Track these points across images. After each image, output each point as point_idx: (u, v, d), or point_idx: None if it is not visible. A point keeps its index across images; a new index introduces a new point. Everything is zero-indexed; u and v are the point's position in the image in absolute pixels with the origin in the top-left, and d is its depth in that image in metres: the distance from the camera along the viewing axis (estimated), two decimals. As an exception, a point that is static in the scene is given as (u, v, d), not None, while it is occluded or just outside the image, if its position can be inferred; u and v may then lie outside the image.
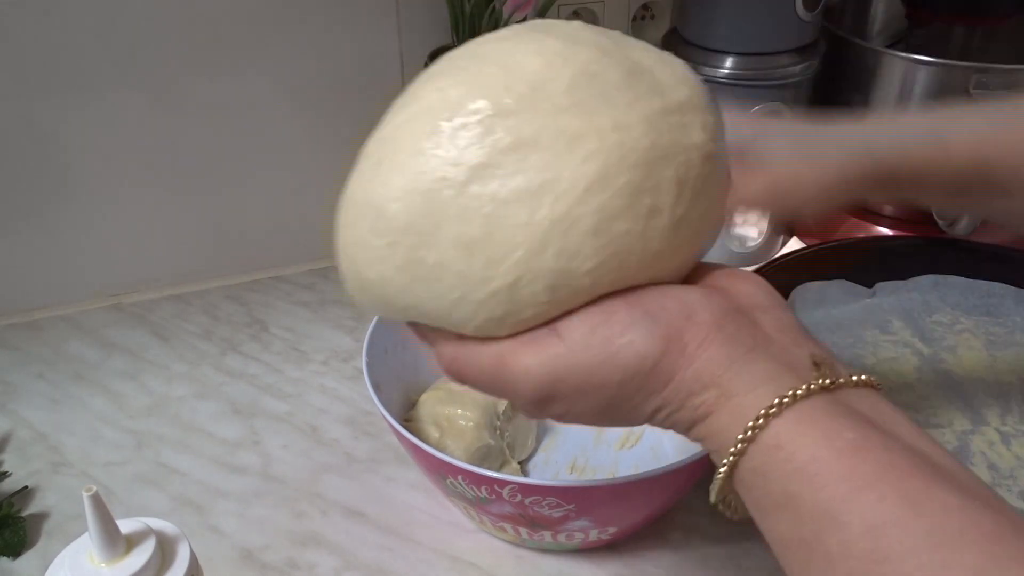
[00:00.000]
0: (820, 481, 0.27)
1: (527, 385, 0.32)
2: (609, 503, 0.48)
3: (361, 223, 0.33)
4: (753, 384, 0.30)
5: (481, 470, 0.46)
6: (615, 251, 0.30)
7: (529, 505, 0.47)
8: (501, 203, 0.30)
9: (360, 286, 0.34)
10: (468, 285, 0.31)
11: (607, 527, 0.50)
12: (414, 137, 0.32)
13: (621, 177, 0.30)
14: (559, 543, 0.52)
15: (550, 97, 0.31)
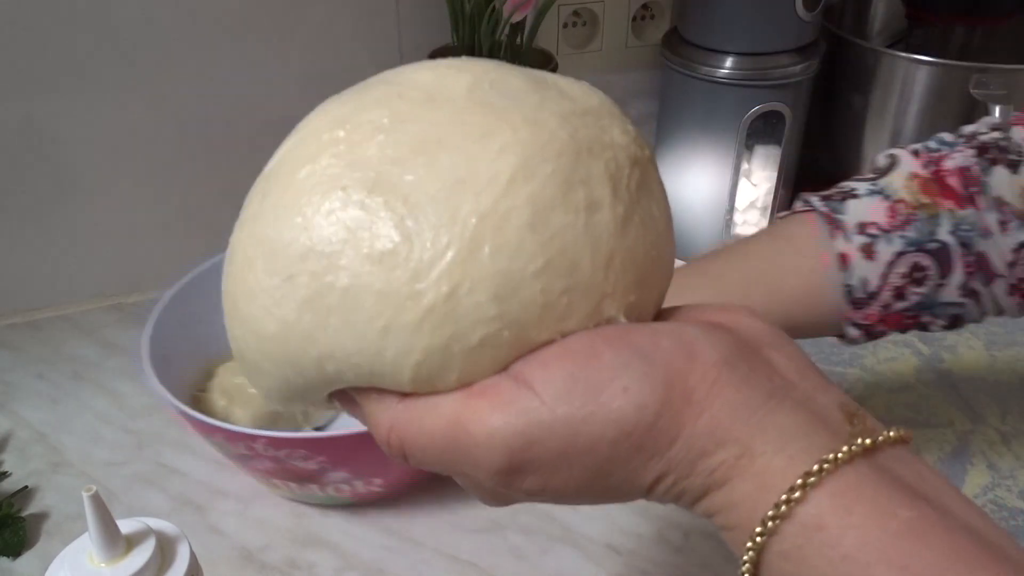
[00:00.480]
0: (876, 573, 0.22)
1: (492, 454, 0.25)
2: (358, 453, 0.50)
3: (251, 268, 0.27)
4: (782, 442, 0.24)
5: (232, 426, 0.49)
6: (561, 248, 0.25)
7: (284, 459, 0.49)
8: (415, 206, 0.25)
9: (260, 351, 0.28)
10: (394, 306, 0.25)
11: (371, 478, 0.52)
12: (301, 159, 0.27)
13: (546, 165, 0.26)
14: (329, 496, 0.54)
15: (450, 100, 0.27)
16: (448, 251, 0.25)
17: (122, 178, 0.70)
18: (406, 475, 0.54)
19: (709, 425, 0.24)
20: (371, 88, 0.30)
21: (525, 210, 0.25)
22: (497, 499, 0.29)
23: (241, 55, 0.69)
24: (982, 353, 0.67)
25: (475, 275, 0.25)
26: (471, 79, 0.28)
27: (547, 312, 0.25)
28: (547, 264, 0.25)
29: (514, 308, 0.25)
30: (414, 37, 0.73)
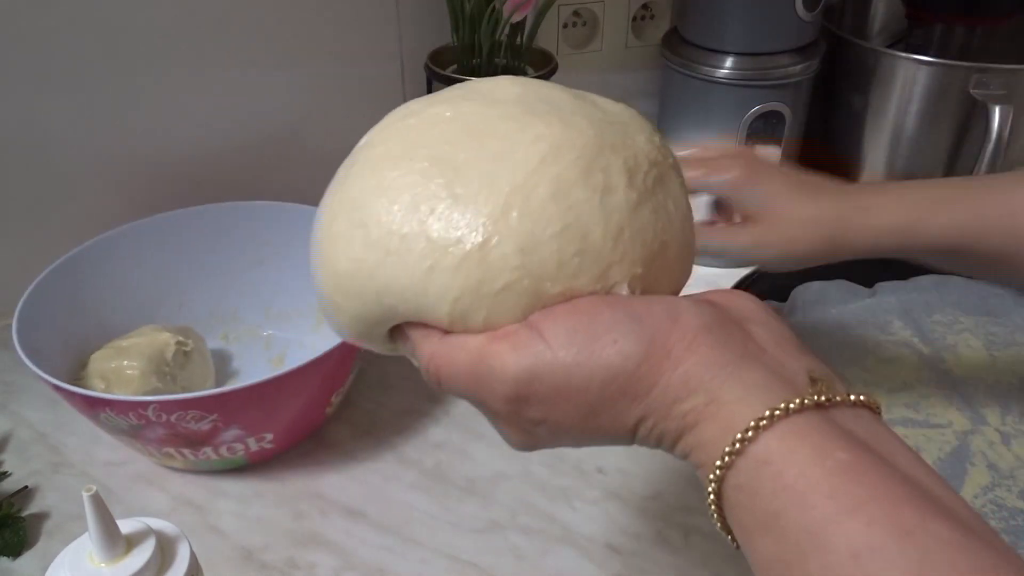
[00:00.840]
0: (807, 501, 0.26)
1: (504, 382, 0.31)
2: (248, 407, 0.52)
3: (334, 221, 0.35)
4: (744, 393, 0.28)
5: (122, 396, 0.51)
6: (576, 217, 0.31)
7: (177, 422, 0.50)
8: (463, 177, 0.32)
9: (336, 287, 0.34)
10: (438, 252, 0.31)
11: (262, 434, 0.55)
12: (379, 139, 0.36)
13: (571, 153, 0.32)
14: (223, 458, 0.55)
15: (502, 103, 0.35)
16: (485, 212, 0.31)
17: (120, 178, 0.70)
18: (294, 429, 0.57)
19: (683, 376, 0.29)
20: (445, 92, 0.37)
21: (549, 185, 0.31)
22: (518, 433, 0.33)
23: (241, 55, 0.69)
24: (982, 353, 0.67)
25: (504, 232, 0.31)
26: (522, 90, 0.35)
27: (561, 269, 0.31)
28: (564, 229, 0.31)
29: (533, 262, 0.31)
30: (414, 37, 0.73)
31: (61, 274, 0.61)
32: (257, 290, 0.70)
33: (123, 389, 0.57)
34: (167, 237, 0.67)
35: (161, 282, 0.68)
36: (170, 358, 0.59)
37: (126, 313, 0.65)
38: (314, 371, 0.53)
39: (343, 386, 0.60)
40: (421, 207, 0.32)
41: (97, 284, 0.64)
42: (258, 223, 0.69)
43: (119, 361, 0.58)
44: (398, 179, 0.33)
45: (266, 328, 0.71)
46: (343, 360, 0.57)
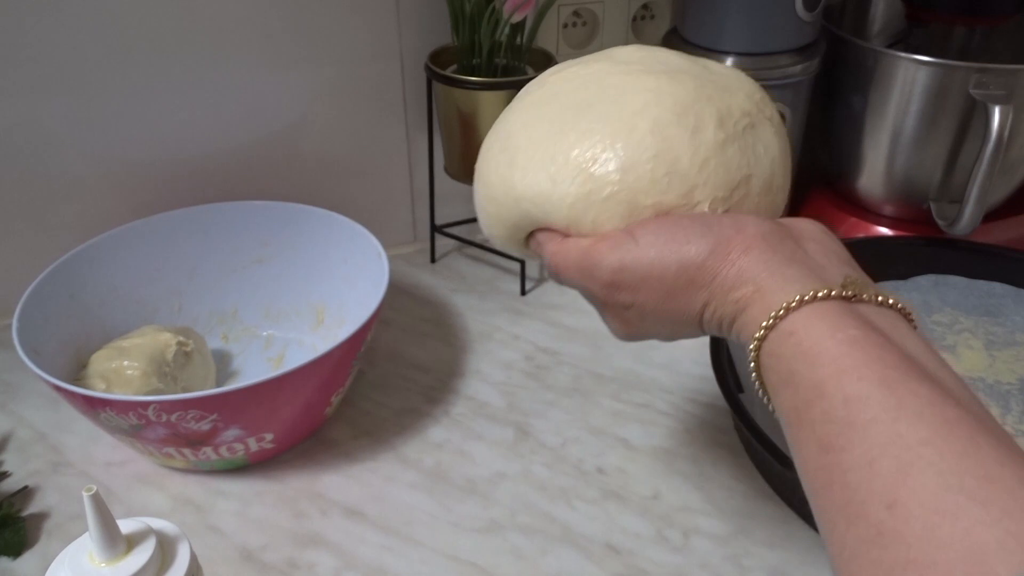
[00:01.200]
0: (817, 362, 0.32)
1: (602, 270, 0.39)
2: (249, 407, 0.53)
3: (489, 148, 0.45)
4: (784, 284, 0.35)
5: (122, 396, 0.51)
6: (668, 146, 0.39)
7: (177, 422, 0.51)
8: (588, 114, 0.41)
9: (487, 197, 0.45)
10: (559, 166, 0.41)
11: (262, 434, 0.55)
12: (532, 87, 0.45)
13: (670, 99, 0.40)
14: (224, 458, 0.56)
15: (626, 63, 0.44)
16: (597, 141, 0.40)
17: (119, 178, 0.70)
18: (294, 429, 0.58)
19: (738, 271, 0.36)
20: (584, 57, 0.46)
21: (649, 123, 0.40)
22: (617, 320, 0.42)
23: (241, 55, 0.69)
24: (982, 353, 0.67)
25: (610, 156, 0.40)
26: (644, 54, 0.44)
27: (653, 185, 0.39)
28: (657, 154, 0.39)
29: (631, 178, 0.40)
30: (414, 37, 0.73)
31: (61, 274, 0.61)
32: (257, 290, 0.70)
33: (124, 389, 0.57)
34: (167, 237, 0.67)
35: (161, 282, 0.68)
36: (171, 358, 0.59)
37: (126, 313, 0.65)
38: (314, 371, 0.53)
39: (343, 386, 0.60)
40: (553, 137, 0.41)
41: (97, 284, 0.64)
42: (258, 223, 0.69)
43: (120, 361, 0.58)
44: (540, 116, 0.43)
45: (266, 328, 0.71)
46: (343, 360, 0.57)
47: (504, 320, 0.74)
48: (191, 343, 0.61)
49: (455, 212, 0.83)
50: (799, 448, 0.33)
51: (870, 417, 0.30)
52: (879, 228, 0.80)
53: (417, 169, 0.80)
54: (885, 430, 0.29)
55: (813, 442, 0.32)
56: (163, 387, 0.58)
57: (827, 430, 0.31)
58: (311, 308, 0.70)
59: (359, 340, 0.57)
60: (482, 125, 0.70)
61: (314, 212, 0.68)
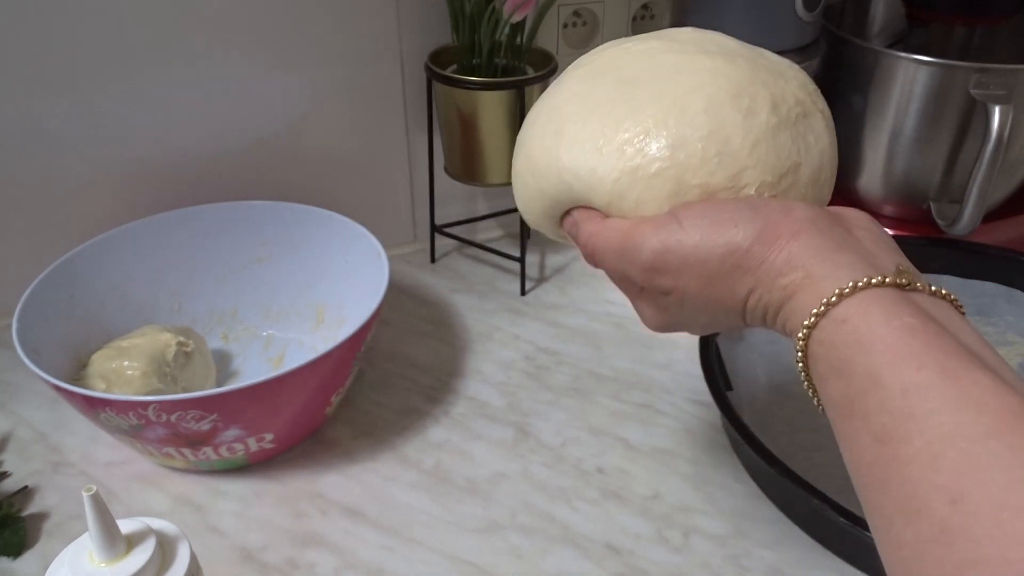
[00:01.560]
0: (873, 350, 0.30)
1: (643, 253, 0.37)
2: (248, 407, 0.52)
3: (536, 120, 0.43)
4: (835, 270, 0.33)
5: (123, 396, 0.50)
6: (721, 126, 0.38)
7: (177, 422, 0.51)
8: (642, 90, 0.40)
9: (528, 169, 0.43)
10: (607, 138, 0.39)
11: (262, 434, 0.55)
12: (583, 63, 0.44)
13: (724, 80, 0.39)
14: (224, 458, 0.56)
15: (683, 43, 0.43)
16: (649, 116, 0.39)
17: (118, 178, 0.70)
18: (294, 429, 0.58)
19: (787, 256, 0.34)
20: (639, 35, 0.45)
21: (703, 101, 0.39)
22: (652, 308, 0.40)
23: (241, 55, 0.69)
24: None
25: (661, 131, 0.38)
26: (700, 36, 0.44)
27: (703, 164, 0.38)
28: (709, 133, 0.38)
29: (681, 155, 0.38)
30: (414, 37, 0.73)
31: (61, 274, 0.61)
32: (257, 290, 0.70)
33: (124, 389, 0.57)
34: (167, 237, 0.67)
35: (161, 282, 0.68)
36: (171, 358, 0.59)
37: (126, 313, 0.65)
38: (314, 371, 0.53)
39: (343, 386, 0.60)
40: (603, 110, 0.40)
41: (97, 284, 0.64)
42: (258, 223, 0.69)
43: (120, 361, 0.58)
44: (590, 90, 0.42)
45: (266, 328, 0.71)
46: (343, 360, 0.57)
47: (504, 320, 0.74)
48: (191, 343, 0.61)
49: (455, 212, 0.83)
50: (850, 441, 0.31)
51: (931, 407, 0.28)
52: (879, 228, 0.80)
53: (417, 169, 0.80)
54: (948, 420, 0.28)
55: (867, 434, 0.30)
56: (163, 387, 0.58)
57: (883, 421, 0.29)
58: (311, 308, 0.70)
59: (359, 340, 0.57)
60: (482, 125, 0.70)
61: (314, 212, 0.68)
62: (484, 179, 0.73)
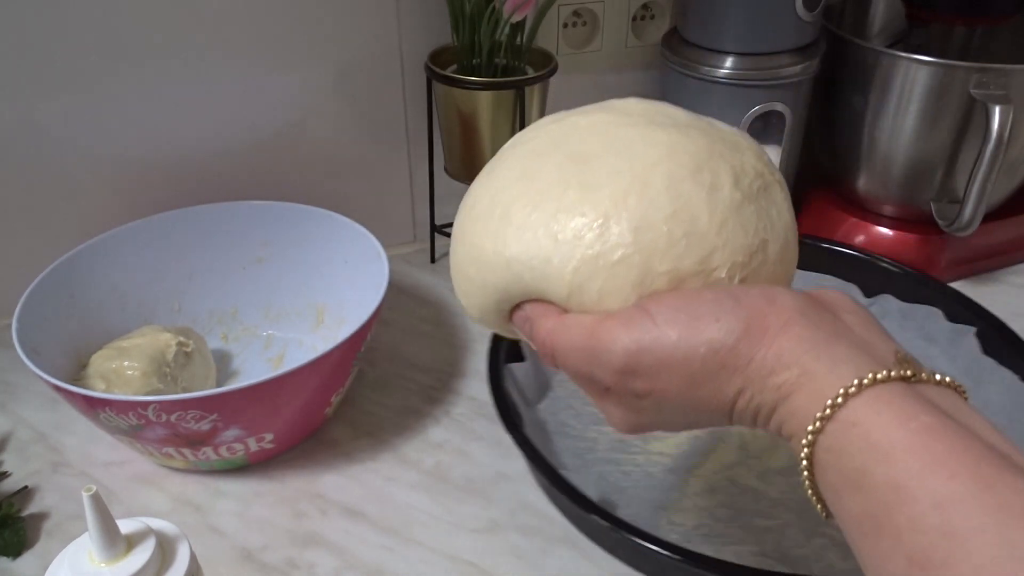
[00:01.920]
0: (892, 457, 0.28)
1: (614, 354, 0.33)
2: (248, 407, 0.52)
3: (475, 203, 0.40)
4: (834, 365, 0.30)
5: (122, 396, 0.50)
6: (686, 204, 0.35)
7: (177, 422, 0.51)
8: (594, 167, 0.37)
9: (471, 258, 0.39)
10: (565, 227, 0.36)
11: (262, 434, 0.55)
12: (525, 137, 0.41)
13: (683, 155, 0.37)
14: (223, 458, 0.56)
15: (630, 115, 0.40)
16: (607, 196, 0.36)
17: (118, 177, 0.70)
18: (294, 429, 0.58)
19: (778, 351, 0.31)
20: (581, 107, 0.42)
21: (664, 178, 0.36)
22: (624, 411, 0.36)
23: (241, 55, 0.69)
24: None
25: (622, 213, 0.35)
26: (647, 107, 0.40)
27: (669, 248, 0.35)
28: (674, 213, 0.35)
29: (646, 239, 0.35)
30: (414, 37, 0.73)
31: (61, 274, 0.61)
32: (257, 290, 0.70)
33: (124, 389, 0.57)
34: (167, 237, 0.67)
35: (161, 282, 0.68)
36: (171, 359, 0.59)
37: (126, 313, 0.65)
38: (314, 371, 0.53)
39: (343, 386, 0.60)
40: (554, 191, 0.37)
41: (97, 284, 0.64)
42: (258, 223, 0.69)
43: (120, 361, 0.58)
44: (538, 168, 0.38)
45: (266, 328, 0.71)
46: (343, 360, 0.57)
47: (504, 320, 0.74)
48: (191, 343, 0.61)
49: (455, 212, 0.83)
50: (878, 562, 0.28)
51: (973, 524, 0.25)
52: (879, 228, 0.80)
53: (417, 169, 0.80)
54: (993, 540, 0.25)
55: (899, 555, 0.27)
56: (163, 387, 0.58)
57: (918, 541, 0.26)
58: (311, 308, 0.70)
59: (359, 340, 0.57)
60: (482, 125, 0.70)
61: (314, 212, 0.68)
62: (484, 179, 0.73)
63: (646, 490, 0.56)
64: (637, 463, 0.58)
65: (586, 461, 0.58)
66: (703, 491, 0.56)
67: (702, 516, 0.54)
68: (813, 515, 0.51)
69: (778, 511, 0.54)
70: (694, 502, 0.55)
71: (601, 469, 0.58)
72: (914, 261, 0.77)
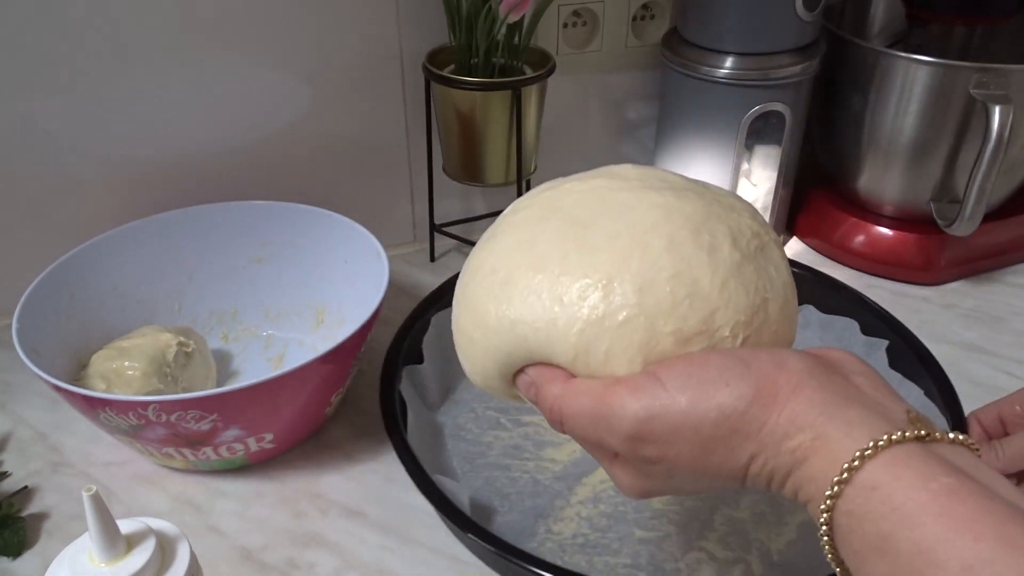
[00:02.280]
0: (916, 521, 0.27)
1: (624, 420, 0.33)
2: (248, 407, 0.52)
3: (484, 267, 0.40)
4: (848, 428, 0.30)
5: (122, 396, 0.51)
6: (687, 266, 0.36)
7: (177, 422, 0.51)
8: (592, 233, 0.38)
9: (475, 324, 0.40)
10: (569, 290, 0.36)
11: (262, 434, 0.55)
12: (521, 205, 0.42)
13: (681, 218, 0.38)
14: (224, 458, 0.56)
15: (626, 180, 0.41)
16: (608, 259, 0.36)
17: (118, 177, 0.70)
18: (294, 429, 0.58)
19: (791, 415, 0.31)
20: (577, 174, 0.43)
21: (664, 240, 0.37)
22: (634, 477, 0.36)
23: (241, 55, 0.69)
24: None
25: (625, 276, 0.36)
26: (643, 172, 0.41)
27: (673, 309, 0.35)
28: (676, 274, 0.36)
29: (649, 300, 0.35)
30: (413, 37, 0.73)
31: (61, 274, 0.61)
32: (257, 290, 0.70)
33: (124, 389, 0.57)
34: (167, 237, 0.67)
35: (161, 282, 0.68)
36: (171, 359, 0.59)
37: (126, 313, 0.65)
38: (314, 371, 0.53)
39: (343, 386, 0.60)
40: (556, 255, 0.37)
41: (97, 284, 0.64)
42: (258, 223, 0.69)
43: (120, 362, 0.58)
44: (538, 234, 0.39)
45: (266, 328, 0.71)
46: (343, 360, 0.57)
47: (504, 320, 0.74)
48: (192, 343, 0.61)
49: (454, 211, 0.83)
50: None
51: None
52: (879, 228, 0.80)
53: (416, 168, 0.80)
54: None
55: None
56: (163, 387, 0.58)
57: None
58: (311, 308, 0.70)
59: (359, 340, 0.57)
60: (480, 125, 0.70)
61: (314, 212, 0.68)
62: (482, 179, 0.74)
63: (530, 497, 0.56)
64: (527, 469, 0.58)
65: (475, 466, 0.58)
66: (587, 499, 0.55)
67: (581, 525, 0.54)
68: (693, 528, 0.52)
69: (659, 522, 0.53)
70: (576, 511, 0.55)
71: (489, 474, 0.57)
72: (914, 261, 0.77)
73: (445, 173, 0.76)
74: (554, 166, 0.83)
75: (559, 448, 0.59)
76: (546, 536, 0.53)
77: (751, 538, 0.52)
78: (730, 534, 0.52)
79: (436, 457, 0.58)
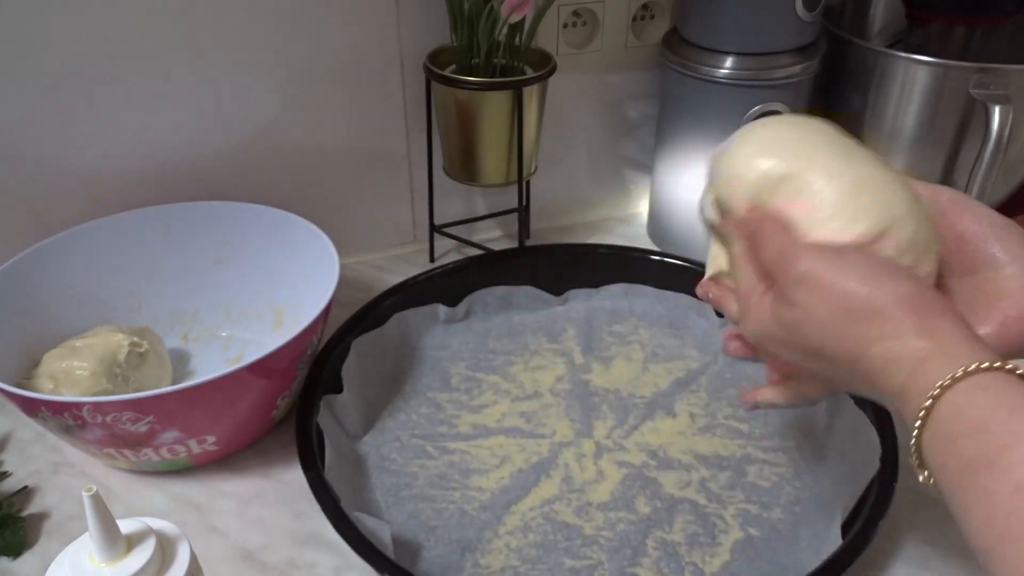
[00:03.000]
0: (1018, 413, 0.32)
1: (797, 262, 0.40)
2: (186, 409, 0.52)
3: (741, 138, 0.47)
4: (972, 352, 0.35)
5: (55, 396, 0.50)
6: (892, 201, 0.42)
7: (113, 424, 0.50)
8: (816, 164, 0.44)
9: (730, 174, 0.46)
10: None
11: (203, 436, 0.54)
12: (758, 126, 0.48)
13: (888, 172, 0.44)
14: (165, 459, 0.55)
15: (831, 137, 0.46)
16: (833, 190, 0.42)
17: (118, 177, 0.70)
18: (239, 430, 0.57)
19: (931, 326, 0.36)
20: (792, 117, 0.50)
21: (895, 182, 0.43)
22: (769, 317, 0.42)
23: (238, 53, 0.69)
24: (636, 366, 0.67)
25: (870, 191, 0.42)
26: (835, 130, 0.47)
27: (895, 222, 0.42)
28: (910, 201, 0.43)
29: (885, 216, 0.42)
30: (414, 37, 0.73)
31: (17, 271, 0.61)
32: (217, 291, 0.70)
33: (72, 389, 0.57)
34: (127, 236, 0.67)
35: (121, 282, 0.67)
36: (123, 359, 0.59)
37: (84, 312, 0.65)
38: (252, 374, 0.53)
39: (289, 389, 0.59)
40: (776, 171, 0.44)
41: (53, 282, 0.63)
42: (218, 223, 0.68)
43: (70, 361, 0.58)
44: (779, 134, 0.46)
45: (226, 328, 0.70)
46: (287, 363, 0.56)
47: (504, 320, 0.74)
48: (145, 343, 0.61)
49: (454, 212, 0.83)
50: (982, 495, 0.32)
51: None
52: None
53: (417, 169, 0.80)
54: None
55: (1006, 485, 0.31)
56: (112, 388, 0.58)
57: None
58: (269, 309, 0.69)
59: (302, 343, 0.55)
60: (480, 125, 0.70)
61: (271, 212, 0.67)
62: (482, 179, 0.74)
63: (457, 529, 0.54)
64: (453, 499, 0.56)
65: (400, 499, 0.56)
66: (516, 528, 0.54)
67: (510, 557, 0.52)
68: (624, 555, 0.51)
69: (590, 550, 0.52)
70: (505, 541, 0.53)
71: (415, 507, 0.55)
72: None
73: (445, 173, 0.76)
74: (554, 166, 0.83)
75: (486, 476, 0.58)
76: (474, 571, 0.51)
77: (684, 562, 0.51)
78: (663, 558, 0.51)
79: (358, 492, 0.56)
